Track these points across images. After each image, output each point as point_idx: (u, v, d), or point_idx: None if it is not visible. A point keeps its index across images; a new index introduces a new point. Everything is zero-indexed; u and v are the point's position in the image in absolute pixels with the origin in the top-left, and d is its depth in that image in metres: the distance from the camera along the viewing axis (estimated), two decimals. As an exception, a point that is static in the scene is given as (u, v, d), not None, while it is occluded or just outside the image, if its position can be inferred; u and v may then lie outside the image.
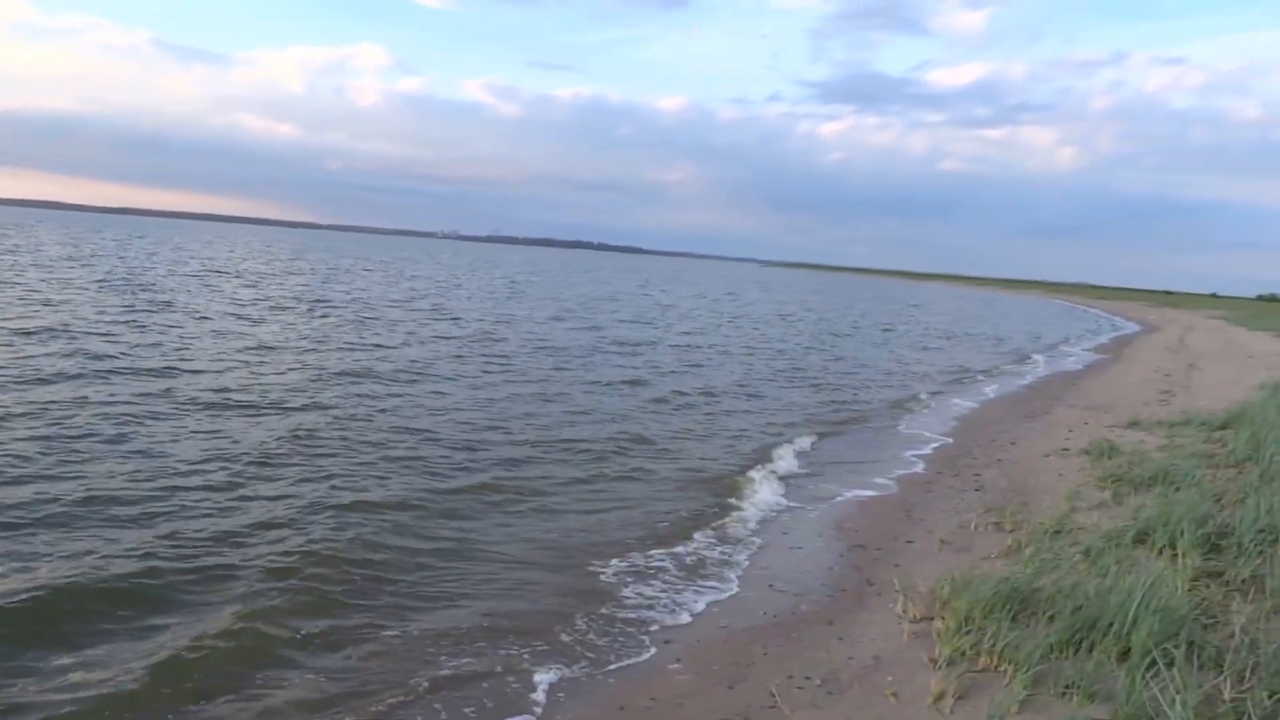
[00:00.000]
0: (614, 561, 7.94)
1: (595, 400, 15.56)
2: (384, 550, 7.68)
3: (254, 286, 35.31)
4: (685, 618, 6.91)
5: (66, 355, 15.20)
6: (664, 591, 7.38)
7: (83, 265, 39.54)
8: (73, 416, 10.99)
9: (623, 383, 17.63)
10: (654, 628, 6.70)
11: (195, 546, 7.33)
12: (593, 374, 18.54)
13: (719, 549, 8.46)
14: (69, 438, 10.09)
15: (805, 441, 13.52)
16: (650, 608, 7.04)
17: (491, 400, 14.68)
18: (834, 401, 17.70)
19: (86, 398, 12.08)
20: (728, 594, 7.41)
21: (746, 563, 8.13)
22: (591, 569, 7.75)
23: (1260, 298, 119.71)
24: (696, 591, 7.42)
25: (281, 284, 38.36)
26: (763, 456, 12.23)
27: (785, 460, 12.14)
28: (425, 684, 5.64)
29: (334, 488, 9.20)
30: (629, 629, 6.67)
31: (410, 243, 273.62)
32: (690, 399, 16.52)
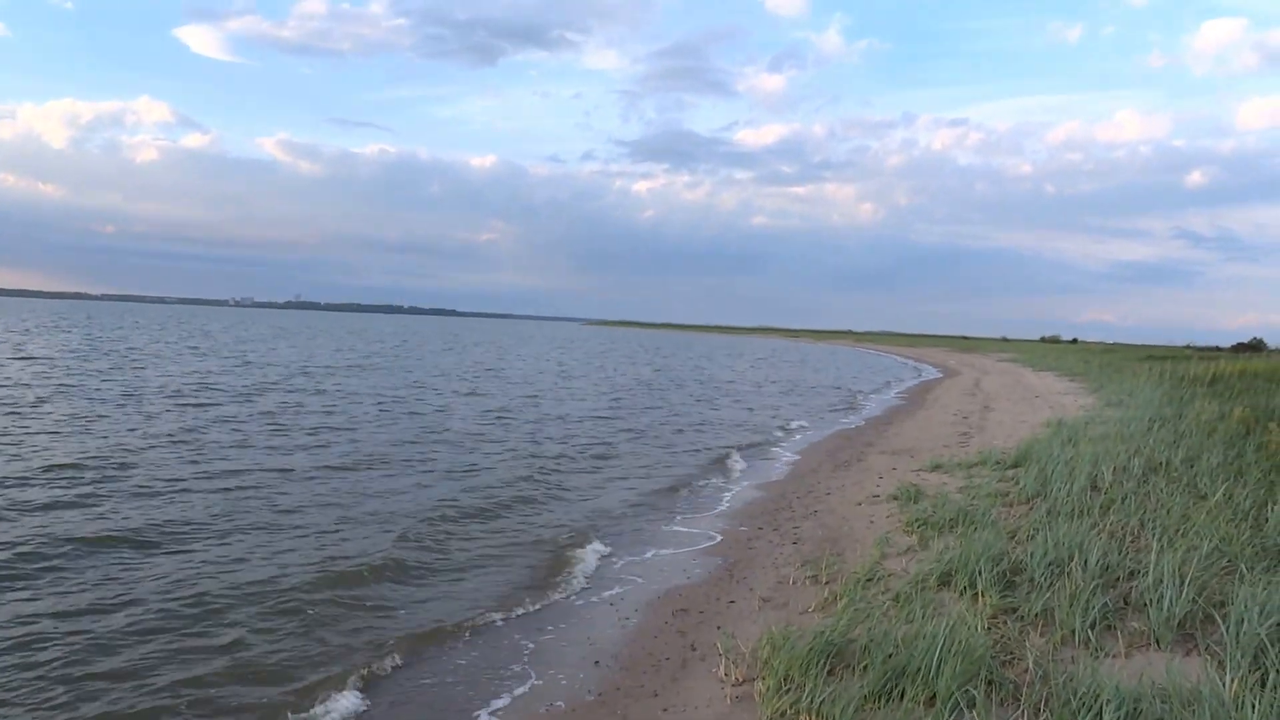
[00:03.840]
0: (430, 648, 7.63)
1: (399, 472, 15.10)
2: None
3: None
4: (509, 701, 6.69)
5: None
6: (488, 674, 7.14)
7: None
8: None
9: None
10: (480, 712, 6.45)
11: None
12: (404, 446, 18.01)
13: (546, 626, 8.29)
14: None
15: (629, 506, 13.56)
16: (475, 689, 6.78)
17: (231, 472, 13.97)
18: (655, 465, 17.83)
19: None
20: (555, 674, 7.23)
21: (573, 636, 8.00)
22: (407, 649, 7.42)
23: (1044, 339, 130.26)
24: (522, 671, 7.21)
25: None
26: (588, 525, 12.16)
27: (610, 528, 12.12)
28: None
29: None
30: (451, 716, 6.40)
31: (190, 311, 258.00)
32: (508, 470, 16.29)
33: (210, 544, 10.24)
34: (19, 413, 19.86)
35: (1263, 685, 4.90)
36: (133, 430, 18.20)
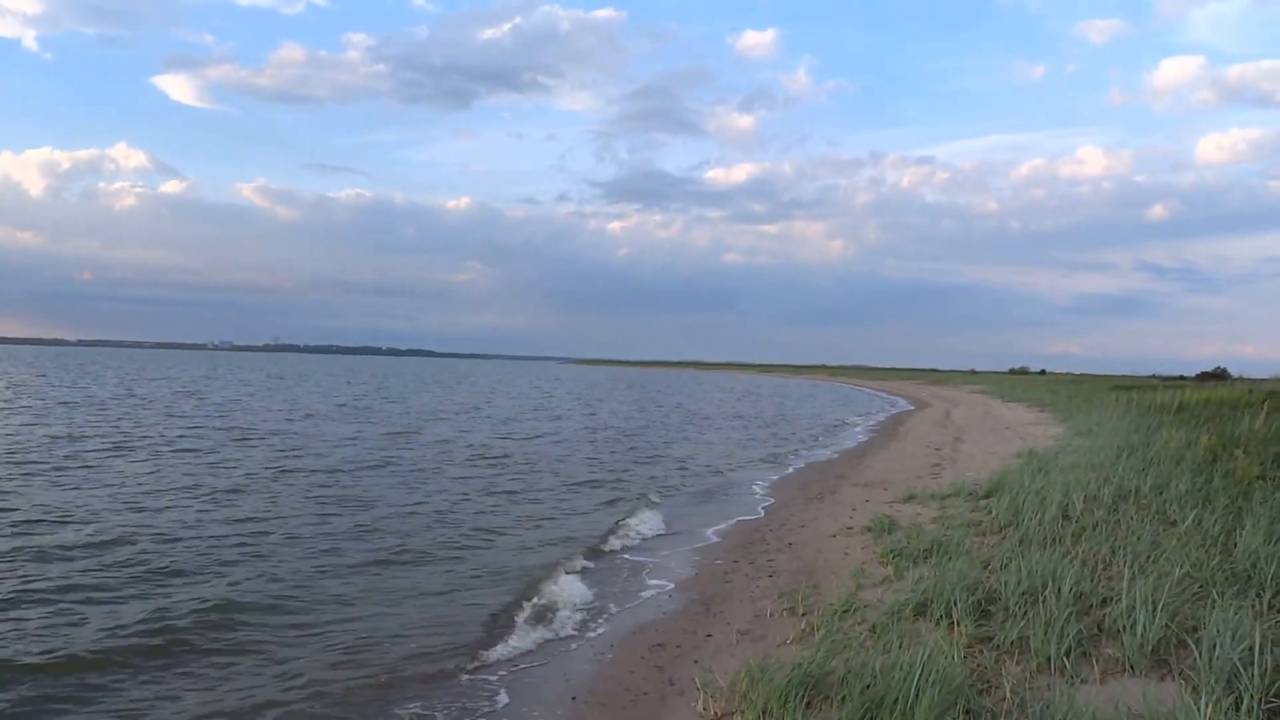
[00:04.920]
0: (411, 704, 7.51)
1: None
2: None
3: None
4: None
5: None
6: (463, 712, 7.04)
7: None
8: None
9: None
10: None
11: None
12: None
13: (520, 662, 8.20)
14: None
15: (610, 538, 13.51)
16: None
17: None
18: (630, 496, 17.81)
19: None
20: (530, 709, 7.15)
21: (551, 674, 7.91)
22: (389, 695, 7.31)
23: (1012, 371, 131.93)
24: (499, 709, 7.12)
25: None
26: (567, 557, 12.11)
27: (590, 560, 12.07)
28: None
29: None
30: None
31: (170, 355, 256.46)
32: (490, 500, 16.18)
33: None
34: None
35: (1237, 709, 4.93)
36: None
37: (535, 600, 10.15)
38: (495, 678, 7.84)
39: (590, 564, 12.06)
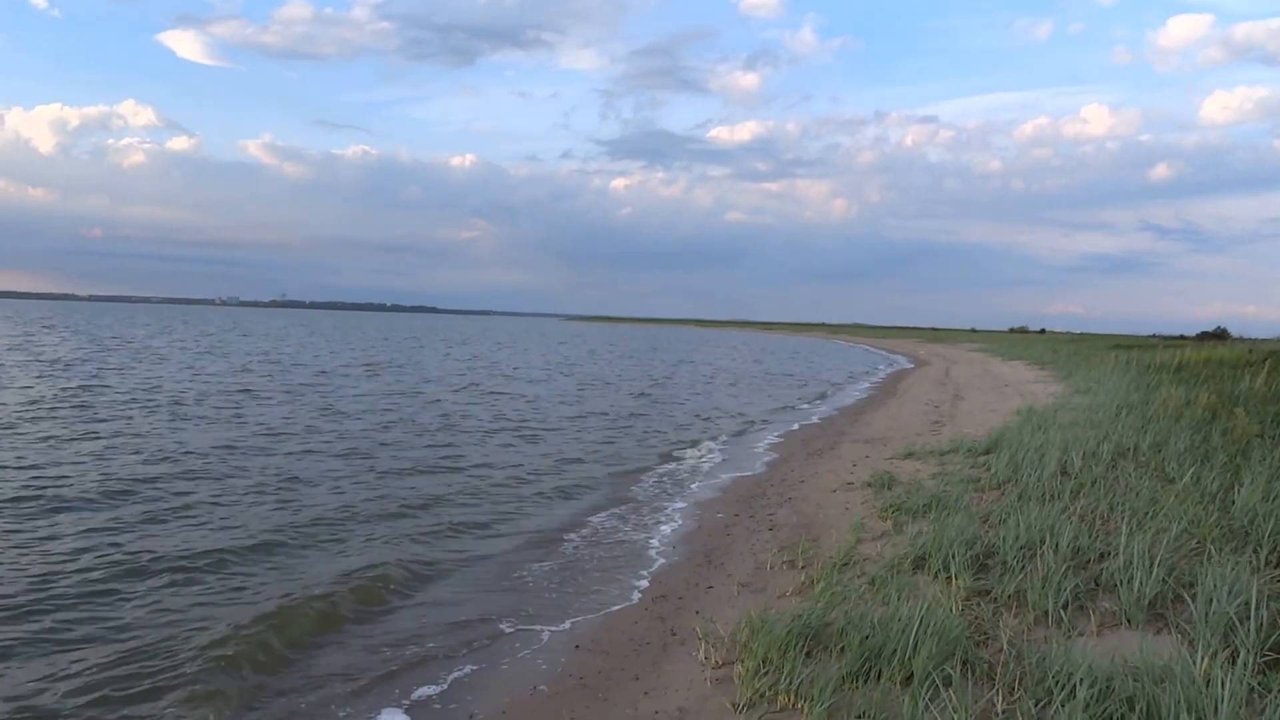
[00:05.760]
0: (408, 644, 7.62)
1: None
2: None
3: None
4: (493, 687, 6.70)
5: None
6: (472, 659, 7.15)
7: None
8: None
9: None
10: (457, 700, 6.46)
11: None
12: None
13: (524, 609, 8.31)
14: None
15: (612, 490, 13.64)
16: (454, 679, 6.79)
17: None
18: (638, 448, 17.93)
19: None
20: (535, 662, 7.25)
21: (554, 626, 8.02)
22: (386, 646, 7.42)
23: (1012, 330, 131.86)
24: (507, 657, 7.23)
25: None
26: (572, 512, 12.26)
27: (596, 515, 12.21)
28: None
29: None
30: (437, 705, 6.40)
31: (176, 310, 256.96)
32: (491, 460, 16.30)
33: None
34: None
35: (1232, 662, 5.00)
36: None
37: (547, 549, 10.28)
38: (498, 621, 7.95)
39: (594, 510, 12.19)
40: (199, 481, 13.08)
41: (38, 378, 27.76)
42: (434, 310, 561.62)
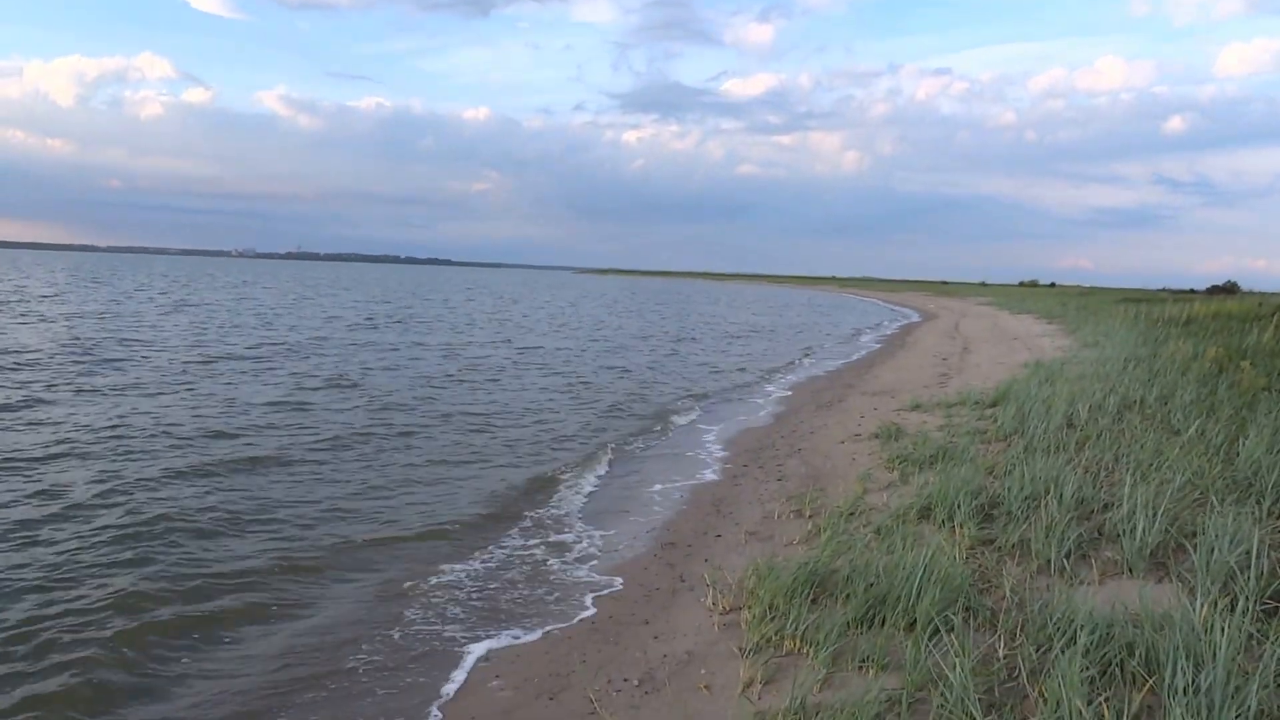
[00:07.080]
0: (432, 578, 7.79)
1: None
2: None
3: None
4: (506, 636, 6.86)
5: None
6: (483, 604, 7.31)
7: None
8: None
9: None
10: (471, 646, 6.62)
11: None
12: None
13: (539, 559, 8.47)
14: None
15: (621, 441, 13.80)
16: (467, 623, 6.95)
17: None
18: (651, 398, 18.06)
19: None
20: (548, 605, 7.41)
21: (565, 570, 8.18)
22: (400, 592, 7.59)
23: (1022, 284, 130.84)
24: (518, 604, 7.39)
25: None
26: (582, 458, 12.50)
27: (602, 464, 12.39)
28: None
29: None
30: (439, 648, 6.57)
31: (196, 262, 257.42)
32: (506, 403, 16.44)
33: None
34: None
35: (1232, 609, 5.08)
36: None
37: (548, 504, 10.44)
38: (513, 566, 8.12)
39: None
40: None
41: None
42: (447, 263, 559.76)
